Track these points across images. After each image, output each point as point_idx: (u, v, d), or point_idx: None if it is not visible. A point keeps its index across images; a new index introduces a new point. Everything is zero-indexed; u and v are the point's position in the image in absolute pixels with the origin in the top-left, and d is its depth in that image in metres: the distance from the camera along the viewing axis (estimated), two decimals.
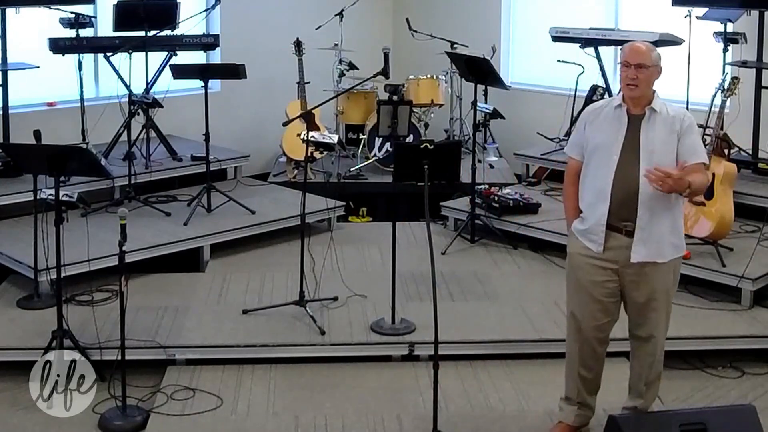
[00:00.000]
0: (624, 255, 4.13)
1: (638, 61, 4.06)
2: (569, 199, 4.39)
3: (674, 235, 4.18)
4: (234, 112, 8.64)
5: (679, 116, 4.12)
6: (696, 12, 7.28)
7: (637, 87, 4.07)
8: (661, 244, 4.14)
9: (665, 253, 4.16)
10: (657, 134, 4.10)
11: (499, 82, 7.14)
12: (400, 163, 4.20)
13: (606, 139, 4.16)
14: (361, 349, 5.26)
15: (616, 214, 4.12)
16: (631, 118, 4.14)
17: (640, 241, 4.11)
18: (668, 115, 4.11)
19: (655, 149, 4.07)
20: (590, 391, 4.48)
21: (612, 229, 4.15)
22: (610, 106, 4.23)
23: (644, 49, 4.11)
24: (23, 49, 7.16)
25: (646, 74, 4.06)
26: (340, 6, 8.55)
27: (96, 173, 5.29)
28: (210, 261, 6.52)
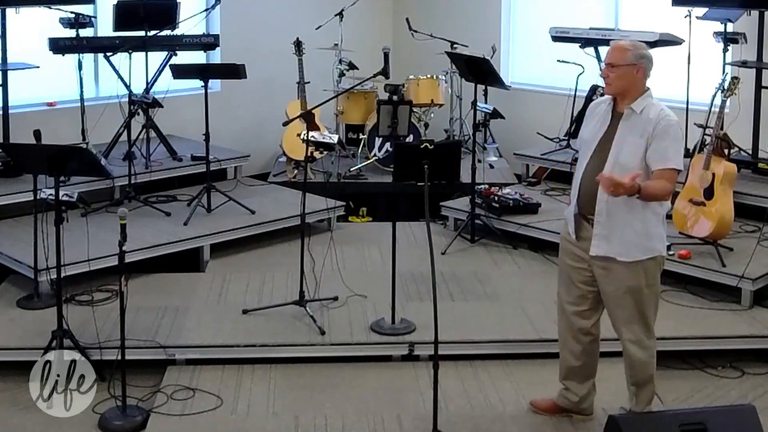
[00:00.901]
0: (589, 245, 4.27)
1: (609, 60, 4.21)
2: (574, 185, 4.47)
3: (644, 236, 4.20)
4: (234, 112, 8.64)
5: (654, 120, 4.13)
6: (696, 12, 7.29)
7: (609, 85, 4.21)
8: (624, 242, 4.18)
9: (629, 252, 4.19)
10: (629, 134, 4.17)
11: (499, 82, 7.14)
12: (400, 163, 4.20)
13: (590, 134, 4.30)
14: (361, 349, 5.26)
15: (584, 206, 4.26)
16: (615, 116, 4.24)
17: (599, 235, 4.21)
18: (646, 117, 4.15)
19: (623, 149, 4.16)
20: (576, 378, 4.56)
21: (584, 219, 4.28)
22: (605, 102, 4.34)
23: (619, 48, 4.21)
24: (23, 49, 7.16)
25: (617, 73, 4.17)
26: (340, 6, 8.55)
27: (96, 173, 5.29)
28: (210, 261, 6.52)
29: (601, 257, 4.22)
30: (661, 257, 4.29)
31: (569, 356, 4.53)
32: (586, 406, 4.59)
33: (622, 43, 4.24)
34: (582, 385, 4.57)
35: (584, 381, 4.57)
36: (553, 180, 7.93)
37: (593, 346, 4.52)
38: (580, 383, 4.57)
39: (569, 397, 4.60)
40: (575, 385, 4.58)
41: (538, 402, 4.71)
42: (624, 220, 4.16)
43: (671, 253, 6.03)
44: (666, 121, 4.14)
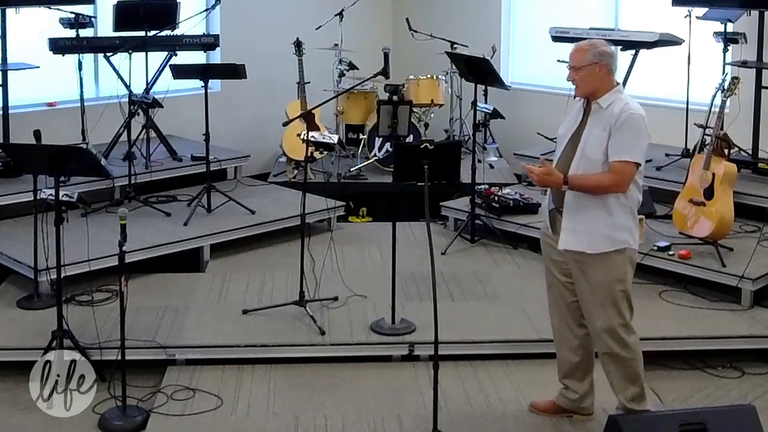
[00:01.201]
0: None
1: (571, 64, 4.31)
2: None
3: (611, 228, 4.21)
4: (234, 112, 8.64)
5: (617, 114, 4.17)
6: (696, 12, 7.29)
7: (577, 87, 4.29)
8: (591, 235, 4.21)
9: (596, 245, 4.21)
10: (594, 127, 4.22)
11: (499, 82, 7.14)
12: (400, 163, 4.20)
13: (564, 129, 4.39)
14: (361, 349, 5.26)
15: (557, 200, 4.32)
16: (585, 112, 4.32)
17: (567, 228, 4.25)
18: (611, 112, 4.19)
19: (588, 142, 4.22)
20: (576, 375, 4.56)
21: (558, 213, 4.33)
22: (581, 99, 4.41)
23: (579, 49, 4.30)
24: (23, 49, 7.16)
25: (581, 75, 4.26)
26: (340, 6, 8.55)
27: (96, 173, 5.29)
28: (210, 261, 6.52)
29: (570, 251, 4.27)
30: (631, 250, 4.30)
31: (567, 352, 4.53)
32: (586, 405, 4.59)
33: (581, 44, 4.32)
34: (581, 383, 4.58)
35: (583, 378, 4.57)
36: None
37: (588, 339, 4.51)
38: (579, 380, 4.57)
39: (569, 395, 4.60)
40: (575, 383, 4.58)
41: (538, 403, 4.71)
42: (590, 212, 4.19)
43: (671, 254, 6.05)
44: (627, 114, 4.15)
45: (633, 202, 4.28)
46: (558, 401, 4.65)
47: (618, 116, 4.15)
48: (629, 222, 4.27)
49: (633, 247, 4.32)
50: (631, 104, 4.21)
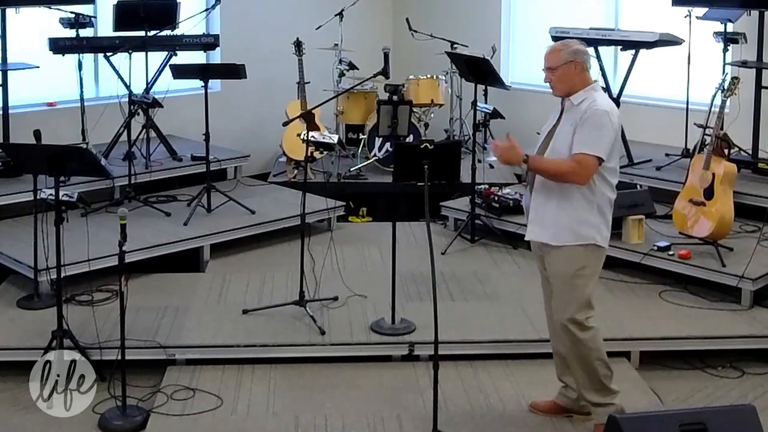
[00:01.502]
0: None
1: (547, 65, 4.34)
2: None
3: (576, 222, 4.27)
4: (234, 112, 8.63)
5: (583, 110, 4.26)
6: (696, 12, 7.29)
7: (555, 88, 4.34)
8: (556, 227, 4.27)
9: (560, 237, 4.28)
10: (565, 123, 4.33)
11: (499, 82, 7.14)
12: (400, 163, 4.20)
13: (546, 126, 4.46)
14: (361, 349, 5.26)
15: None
16: (562, 109, 4.41)
17: (533, 220, 4.35)
18: (579, 108, 4.28)
19: (557, 138, 4.31)
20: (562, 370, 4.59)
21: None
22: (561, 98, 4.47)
23: (553, 51, 4.35)
24: (23, 49, 7.17)
25: (557, 75, 4.31)
26: (340, 6, 8.55)
27: (96, 173, 5.29)
28: (210, 261, 6.52)
29: (535, 242, 4.36)
30: (596, 247, 4.32)
31: (563, 349, 4.54)
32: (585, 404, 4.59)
33: (554, 45, 4.39)
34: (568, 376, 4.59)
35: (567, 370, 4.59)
36: None
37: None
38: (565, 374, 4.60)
39: (569, 394, 4.61)
40: (564, 377, 4.61)
41: (538, 404, 4.72)
42: (555, 205, 4.27)
43: (671, 253, 6.05)
44: (591, 110, 4.23)
45: (601, 199, 4.30)
46: (558, 401, 4.66)
47: (584, 112, 4.24)
48: (596, 219, 4.29)
49: (600, 244, 4.34)
50: (599, 101, 4.29)
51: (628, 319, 5.57)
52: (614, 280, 6.19)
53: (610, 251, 6.23)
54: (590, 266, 4.35)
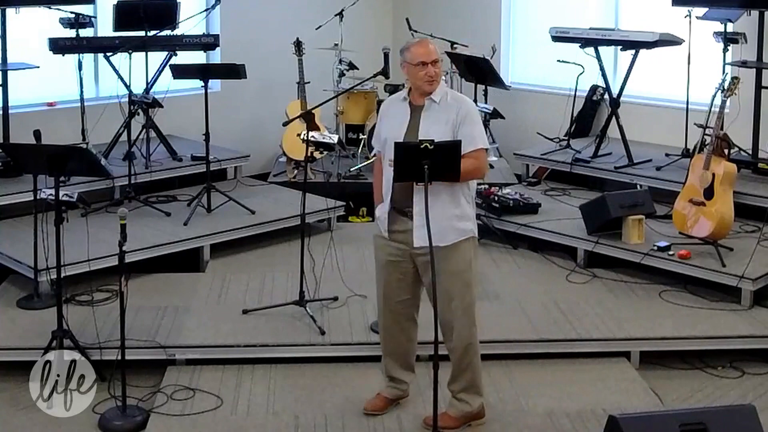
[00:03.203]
0: (411, 238, 4.37)
1: (434, 58, 4.37)
2: (376, 188, 4.59)
3: (458, 219, 4.38)
4: (234, 112, 8.63)
5: (456, 106, 4.35)
6: (696, 12, 7.29)
7: (436, 81, 4.36)
8: (441, 228, 4.29)
9: (446, 237, 4.34)
10: (434, 123, 4.35)
11: (499, 82, 7.15)
12: (400, 163, 4.20)
13: (392, 131, 4.41)
14: (361, 349, 5.26)
15: (399, 200, 4.39)
16: (413, 109, 4.42)
17: (419, 226, 4.30)
18: (447, 104, 4.36)
19: (431, 136, 4.25)
20: (402, 366, 4.70)
21: (399, 213, 4.41)
22: (398, 99, 4.51)
23: (433, 46, 4.41)
24: (23, 49, 7.16)
25: (437, 68, 4.37)
26: (340, 6, 8.55)
27: (96, 173, 5.30)
28: (210, 261, 6.52)
29: (423, 247, 4.30)
30: (473, 238, 4.46)
31: (395, 346, 4.65)
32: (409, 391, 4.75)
33: (430, 42, 4.45)
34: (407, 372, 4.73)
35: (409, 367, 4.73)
36: (553, 180, 7.93)
37: (416, 331, 4.68)
38: (406, 370, 4.72)
39: (399, 387, 4.73)
40: (403, 374, 4.71)
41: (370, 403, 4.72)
42: (440, 207, 4.29)
43: (671, 253, 6.06)
44: (466, 106, 4.37)
45: (473, 191, 4.48)
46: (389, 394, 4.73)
47: (458, 109, 4.34)
48: (472, 212, 4.48)
49: (475, 234, 4.50)
50: (459, 95, 4.48)
51: (628, 319, 5.57)
52: (614, 280, 6.19)
53: (610, 251, 6.30)
54: (475, 258, 4.49)
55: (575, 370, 5.19)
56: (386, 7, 10.02)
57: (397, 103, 4.51)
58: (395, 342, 4.66)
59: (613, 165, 7.46)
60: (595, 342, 5.35)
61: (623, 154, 7.49)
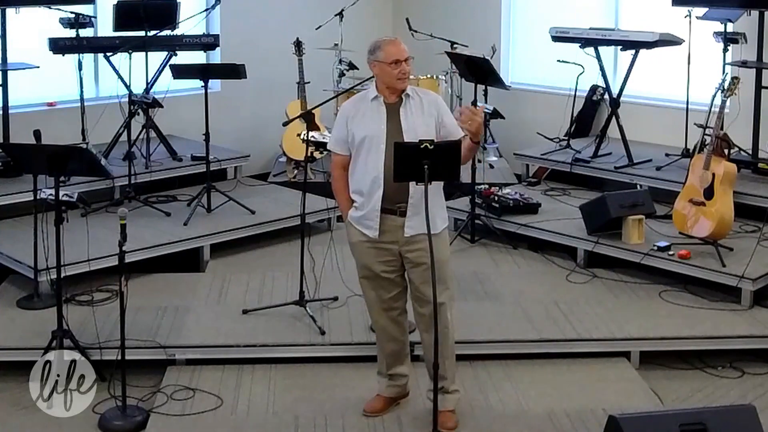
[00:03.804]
0: (400, 233, 4.42)
1: (407, 56, 4.42)
2: (341, 193, 4.57)
3: (441, 208, 4.52)
4: (234, 112, 8.63)
5: (433, 100, 4.47)
6: (696, 12, 7.29)
7: (407, 79, 4.42)
8: (432, 217, 4.29)
9: (437, 226, 4.40)
10: (416, 117, 4.42)
11: (499, 82, 7.14)
12: (400, 163, 4.20)
13: (370, 131, 4.41)
14: (361, 349, 5.26)
15: (390, 198, 4.39)
16: (389, 107, 4.44)
17: (412, 216, 4.39)
18: (422, 99, 4.44)
19: (417, 130, 4.36)
20: (401, 361, 4.73)
21: (387, 212, 4.41)
22: (365, 99, 4.50)
23: (403, 44, 4.46)
24: (23, 49, 7.17)
25: (410, 65, 4.44)
26: (340, 6, 8.55)
27: (96, 173, 5.30)
28: (210, 261, 6.52)
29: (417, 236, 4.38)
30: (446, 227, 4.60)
31: (393, 345, 4.66)
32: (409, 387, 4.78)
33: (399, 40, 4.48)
34: (405, 365, 4.75)
35: (405, 359, 4.76)
36: (553, 180, 7.93)
37: (407, 320, 4.72)
38: (403, 364, 4.74)
39: (399, 383, 4.74)
40: (402, 368, 4.73)
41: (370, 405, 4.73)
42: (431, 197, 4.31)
43: (671, 253, 6.05)
44: (439, 98, 4.53)
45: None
46: (387, 394, 4.74)
47: (436, 102, 4.46)
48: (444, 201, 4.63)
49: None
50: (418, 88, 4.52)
51: (628, 319, 5.56)
52: (614, 280, 6.19)
53: (610, 251, 6.30)
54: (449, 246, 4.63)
55: (575, 370, 5.19)
56: (386, 7, 10.03)
57: (365, 103, 4.50)
58: (394, 340, 4.68)
59: (613, 165, 7.46)
60: (595, 342, 5.35)
61: (623, 154, 7.49)
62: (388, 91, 4.44)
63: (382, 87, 4.46)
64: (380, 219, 4.41)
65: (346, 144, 4.48)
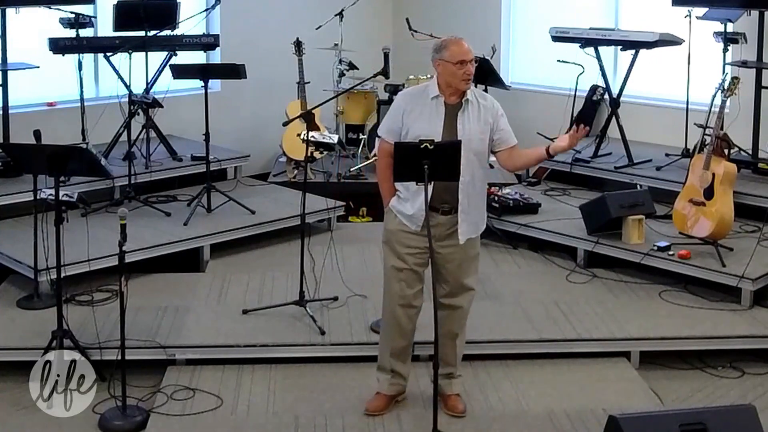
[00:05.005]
0: (439, 231, 4.46)
1: (473, 57, 4.42)
2: (386, 180, 4.55)
3: (484, 212, 4.66)
4: (234, 112, 8.63)
5: (490, 106, 4.49)
6: (696, 12, 7.29)
7: (471, 80, 4.43)
8: (476, 222, 4.57)
9: (479, 227, 4.61)
10: (473, 124, 4.44)
11: (499, 82, 7.15)
12: (400, 163, 4.20)
13: (426, 129, 4.40)
14: (361, 349, 5.26)
15: (437, 197, 4.42)
16: (448, 109, 4.44)
17: (463, 222, 4.47)
18: (480, 105, 4.47)
19: (473, 138, 4.41)
20: (404, 359, 4.76)
21: (432, 210, 4.41)
22: (425, 95, 4.48)
23: (468, 45, 4.45)
24: (23, 49, 7.16)
25: (474, 66, 4.44)
26: (340, 6, 8.54)
27: (96, 173, 5.29)
28: (210, 261, 6.52)
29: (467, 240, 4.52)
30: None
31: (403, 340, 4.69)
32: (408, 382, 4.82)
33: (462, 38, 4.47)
34: (407, 364, 4.78)
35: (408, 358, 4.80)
36: (553, 180, 7.93)
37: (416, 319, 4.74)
38: (405, 362, 4.76)
39: (400, 382, 4.75)
40: (405, 366, 4.75)
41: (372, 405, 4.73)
42: (477, 202, 4.50)
43: (671, 253, 6.06)
44: (497, 105, 4.53)
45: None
46: (390, 392, 4.75)
47: (494, 109, 4.48)
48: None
49: None
50: (479, 91, 4.56)
51: (628, 319, 5.57)
52: (614, 280, 6.19)
53: (610, 251, 6.30)
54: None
55: (575, 370, 5.19)
56: (386, 7, 10.03)
57: (423, 99, 4.47)
58: (404, 337, 4.67)
59: (613, 165, 7.46)
60: (595, 342, 5.35)
61: (623, 154, 7.49)
62: (450, 90, 4.43)
63: (444, 86, 4.44)
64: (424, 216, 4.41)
65: (399, 136, 4.47)
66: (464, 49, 4.39)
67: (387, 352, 4.71)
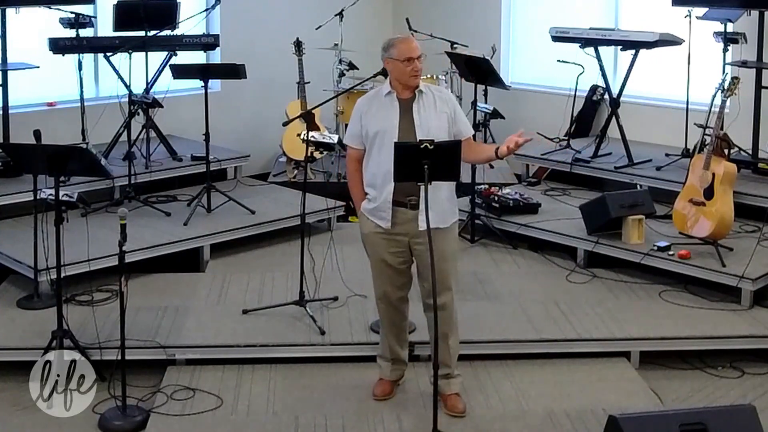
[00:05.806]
0: (411, 226, 4.53)
1: (419, 53, 4.52)
2: (356, 185, 4.72)
3: (452, 203, 4.66)
4: (234, 112, 8.64)
5: (446, 98, 4.59)
6: (696, 12, 7.29)
7: (420, 75, 4.54)
8: (443, 212, 4.56)
9: (447, 219, 4.60)
10: (429, 112, 4.54)
11: (499, 82, 7.14)
12: (400, 163, 4.21)
13: (383, 124, 4.54)
14: (361, 349, 5.26)
15: (401, 190, 4.48)
16: (402, 103, 4.56)
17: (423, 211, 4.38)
18: (435, 97, 4.56)
19: (431, 127, 4.49)
20: (403, 345, 4.89)
21: (398, 205, 4.52)
22: (379, 95, 4.63)
23: (416, 42, 4.56)
24: (23, 49, 7.17)
25: (422, 62, 4.52)
26: (340, 6, 8.55)
27: (96, 173, 5.29)
28: (210, 261, 6.53)
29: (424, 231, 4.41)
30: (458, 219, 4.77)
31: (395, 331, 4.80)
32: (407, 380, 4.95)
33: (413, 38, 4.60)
34: (405, 351, 4.90)
35: (405, 342, 4.91)
36: (553, 180, 7.93)
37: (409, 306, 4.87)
38: (403, 348, 4.88)
39: (401, 367, 4.90)
40: (402, 352, 4.88)
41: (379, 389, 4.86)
42: (442, 191, 4.51)
43: (671, 253, 6.05)
44: (452, 96, 4.66)
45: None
46: (393, 377, 4.87)
47: (449, 100, 4.58)
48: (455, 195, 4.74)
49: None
50: (432, 85, 4.64)
51: (628, 319, 5.57)
52: (614, 280, 6.19)
53: (611, 251, 6.30)
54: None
55: (575, 370, 5.19)
56: (386, 7, 10.03)
57: (378, 98, 4.62)
58: (398, 327, 4.83)
59: (613, 165, 7.46)
60: (595, 342, 5.36)
61: (623, 154, 7.49)
62: (401, 87, 4.56)
63: (395, 83, 4.56)
64: (392, 211, 4.52)
65: (360, 138, 4.63)
66: (411, 46, 4.51)
67: (384, 341, 4.85)
